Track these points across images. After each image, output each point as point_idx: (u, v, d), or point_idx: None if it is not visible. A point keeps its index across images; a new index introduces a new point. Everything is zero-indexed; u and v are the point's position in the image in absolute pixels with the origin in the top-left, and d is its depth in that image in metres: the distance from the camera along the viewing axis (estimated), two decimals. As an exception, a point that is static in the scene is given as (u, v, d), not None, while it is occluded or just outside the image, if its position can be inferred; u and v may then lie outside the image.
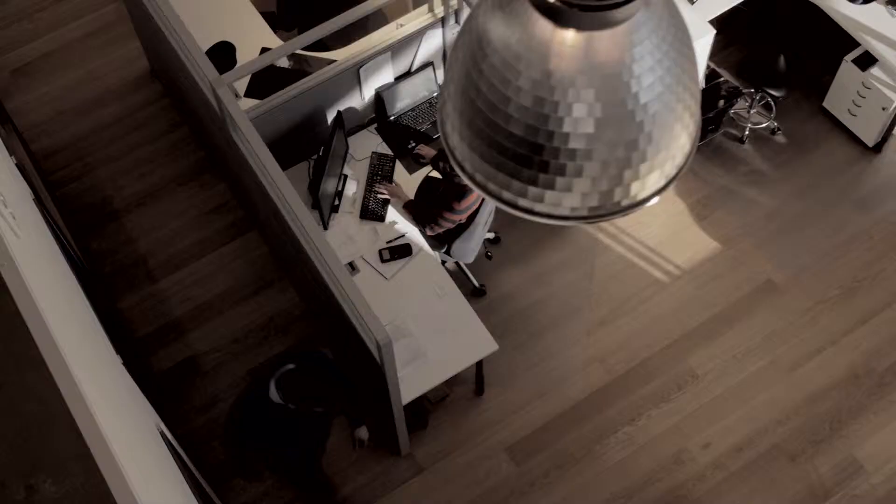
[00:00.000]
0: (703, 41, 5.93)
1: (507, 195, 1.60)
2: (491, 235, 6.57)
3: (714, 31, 5.98)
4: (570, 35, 1.42)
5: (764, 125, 7.03)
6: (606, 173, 1.57)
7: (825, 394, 6.17)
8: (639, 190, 1.67)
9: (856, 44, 6.64)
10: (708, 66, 6.94)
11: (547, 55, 1.42)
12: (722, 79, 6.82)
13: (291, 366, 4.90)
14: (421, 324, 5.62)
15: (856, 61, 6.65)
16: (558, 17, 1.41)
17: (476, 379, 6.05)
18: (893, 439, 6.03)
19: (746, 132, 6.98)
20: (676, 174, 1.73)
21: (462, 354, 5.57)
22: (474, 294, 6.45)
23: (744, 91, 6.88)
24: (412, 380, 5.48)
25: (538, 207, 1.60)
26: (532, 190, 1.56)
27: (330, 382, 4.94)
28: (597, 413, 6.13)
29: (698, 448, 6.03)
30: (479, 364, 5.83)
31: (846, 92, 6.81)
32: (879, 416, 6.11)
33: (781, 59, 6.69)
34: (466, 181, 1.68)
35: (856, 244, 6.63)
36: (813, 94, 7.13)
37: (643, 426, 6.09)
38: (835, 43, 6.80)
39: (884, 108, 6.62)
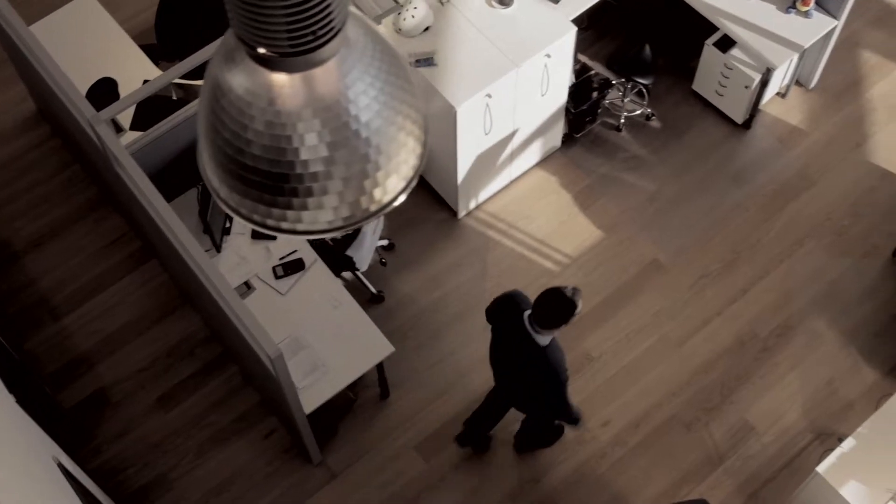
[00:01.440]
0: (566, 38, 6.19)
1: (271, 222, 1.79)
2: (384, 242, 6.76)
3: (575, 29, 6.24)
4: (285, 78, 1.62)
5: (638, 112, 7.32)
6: (350, 187, 1.77)
7: (714, 363, 6.47)
8: (382, 195, 1.86)
9: (716, 28, 6.96)
10: (579, 61, 7.21)
11: (272, 97, 1.62)
12: (593, 72, 7.11)
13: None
14: (318, 335, 5.80)
15: (717, 44, 6.97)
16: (271, 65, 1.61)
17: (379, 383, 6.24)
18: (780, 399, 6.34)
19: (622, 120, 7.27)
20: (414, 174, 1.92)
21: (360, 360, 5.75)
22: (373, 301, 6.64)
23: (614, 82, 7.17)
24: (314, 389, 5.66)
25: (300, 227, 1.79)
26: (290, 213, 1.75)
27: None
28: (499, 403, 6.35)
29: (598, 427, 6.29)
30: (380, 368, 6.02)
31: (711, 74, 7.13)
32: (766, 378, 6.42)
33: (647, 49, 6.98)
34: (234, 216, 1.87)
35: (733, 218, 6.95)
36: (682, 78, 7.45)
37: (544, 411, 6.32)
38: (698, 28, 7.11)
39: (746, 87, 6.95)
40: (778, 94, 7.43)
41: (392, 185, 1.82)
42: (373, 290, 6.62)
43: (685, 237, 6.88)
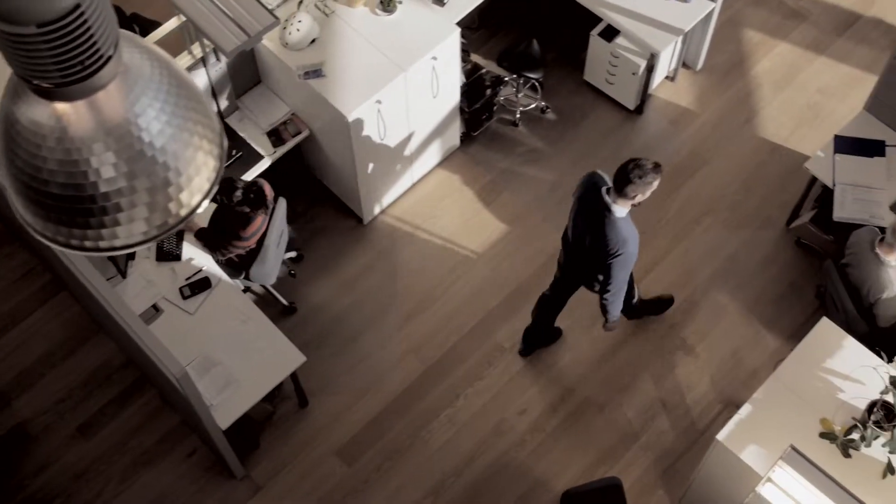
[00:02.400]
0: (451, 39, 6.33)
1: (89, 243, 1.89)
2: (293, 254, 6.85)
3: (459, 30, 6.38)
4: (68, 106, 1.72)
5: (533, 106, 7.49)
6: (156, 202, 1.86)
7: (623, 344, 6.65)
8: (189, 199, 1.94)
9: (600, 18, 7.14)
10: (470, 61, 7.36)
11: (60, 126, 1.72)
12: (484, 70, 7.26)
13: None
14: (229, 351, 5.87)
15: (601, 34, 7.15)
16: (51, 96, 1.71)
17: (296, 392, 6.32)
18: (688, 373, 6.53)
19: (518, 115, 7.43)
20: (214, 180, 2.00)
21: (272, 372, 5.83)
22: (286, 312, 6.72)
23: (506, 78, 7.33)
24: (229, 405, 5.73)
25: (117, 243, 1.89)
26: (104, 232, 1.85)
27: None
28: (418, 402, 6.47)
29: (515, 416, 6.43)
30: (294, 378, 6.10)
31: (600, 63, 7.32)
32: (674, 354, 6.61)
33: (534, 44, 7.14)
34: (50, 244, 1.97)
35: (632, 201, 7.13)
36: (573, 69, 7.62)
37: (462, 406, 6.45)
38: (583, 20, 7.28)
39: (633, 74, 7.14)
40: (667, 77, 7.64)
41: (195, 195, 1.91)
42: (284, 301, 6.70)
43: (587, 224, 7.04)
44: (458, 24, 6.99)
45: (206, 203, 1.94)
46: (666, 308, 6.71)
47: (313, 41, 6.30)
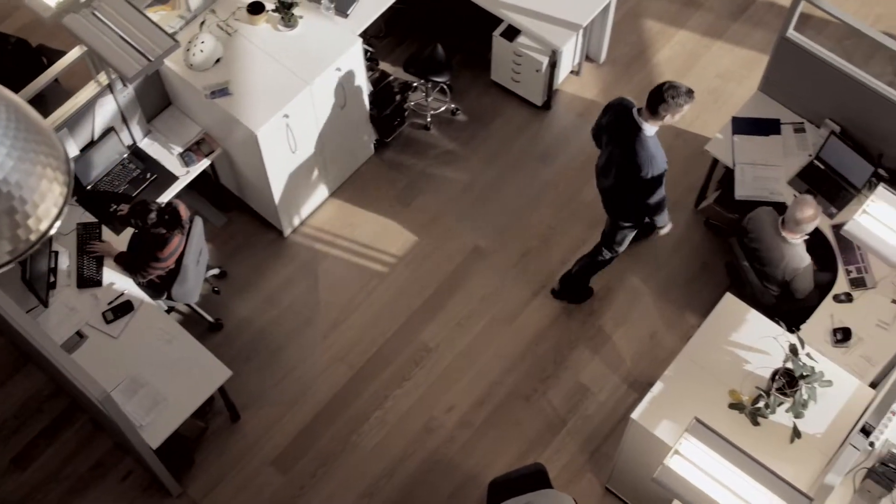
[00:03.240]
0: (354, 50, 6.46)
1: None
2: (215, 271, 6.93)
3: (360, 40, 6.51)
4: None
5: (443, 109, 7.64)
6: (7, 228, 1.97)
7: (544, 335, 6.82)
8: (37, 224, 2.04)
9: (501, 19, 7.30)
10: (377, 70, 7.49)
11: None
12: (391, 77, 7.39)
13: None
14: (156, 371, 5.94)
15: (504, 35, 7.32)
16: None
17: (227, 407, 6.41)
18: (609, 358, 6.72)
19: (429, 119, 7.58)
20: (63, 204, 2.10)
21: (200, 389, 5.92)
22: (212, 329, 6.81)
23: (414, 84, 7.47)
24: (158, 424, 5.80)
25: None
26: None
27: None
28: (347, 407, 6.59)
29: (444, 413, 6.57)
30: (224, 393, 6.19)
31: (504, 63, 7.49)
32: (594, 340, 6.80)
33: (439, 48, 7.29)
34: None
35: (545, 195, 7.32)
36: (481, 71, 7.79)
37: (391, 407, 6.58)
38: (487, 21, 7.44)
39: (537, 71, 7.32)
40: (572, 72, 7.83)
41: (44, 218, 2.01)
42: (210, 319, 6.78)
43: (503, 220, 7.22)
44: (365, 33, 7.13)
45: (55, 227, 2.05)
46: (586, 298, 6.89)
47: (218, 61, 6.40)
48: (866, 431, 4.92)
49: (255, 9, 6.49)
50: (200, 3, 6.50)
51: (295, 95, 6.27)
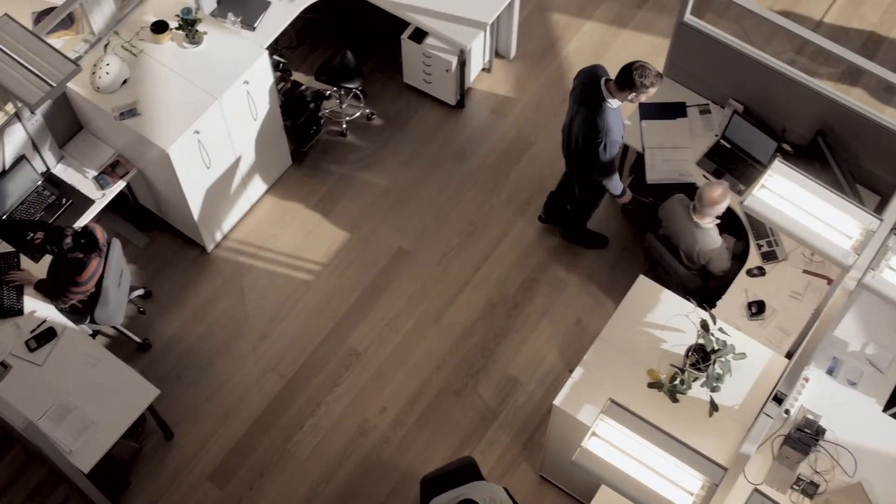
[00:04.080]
0: (260, 62, 6.50)
1: None
2: (140, 292, 6.94)
3: (266, 52, 6.56)
4: None
5: (358, 114, 7.70)
6: None
7: (471, 330, 6.90)
8: None
9: (408, 22, 7.38)
10: (289, 80, 7.53)
11: None
12: (304, 86, 7.44)
13: None
14: (83, 395, 5.93)
15: (411, 37, 7.40)
16: None
17: (159, 426, 6.42)
18: (536, 348, 6.82)
19: (344, 125, 7.63)
20: None
21: (128, 409, 5.92)
22: (141, 349, 6.81)
23: (327, 92, 7.53)
24: (89, 448, 5.79)
25: None
26: None
27: None
28: (281, 416, 6.63)
29: (377, 415, 6.63)
30: (154, 412, 6.21)
31: (415, 65, 7.57)
32: (520, 332, 6.89)
33: (348, 54, 7.35)
34: None
35: (464, 192, 7.41)
36: (393, 74, 7.86)
37: (324, 413, 6.63)
38: (394, 25, 7.51)
39: (447, 71, 7.41)
40: (483, 69, 7.92)
41: None
42: (137, 339, 6.78)
43: (424, 220, 7.30)
44: (276, 44, 7.20)
45: None
46: (600, 246, 7.21)
47: (125, 82, 6.41)
48: (779, 400, 5.06)
49: (159, 28, 6.50)
50: (104, 25, 6.51)
51: (204, 111, 6.30)
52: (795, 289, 6.26)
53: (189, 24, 6.47)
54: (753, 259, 6.36)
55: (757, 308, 6.17)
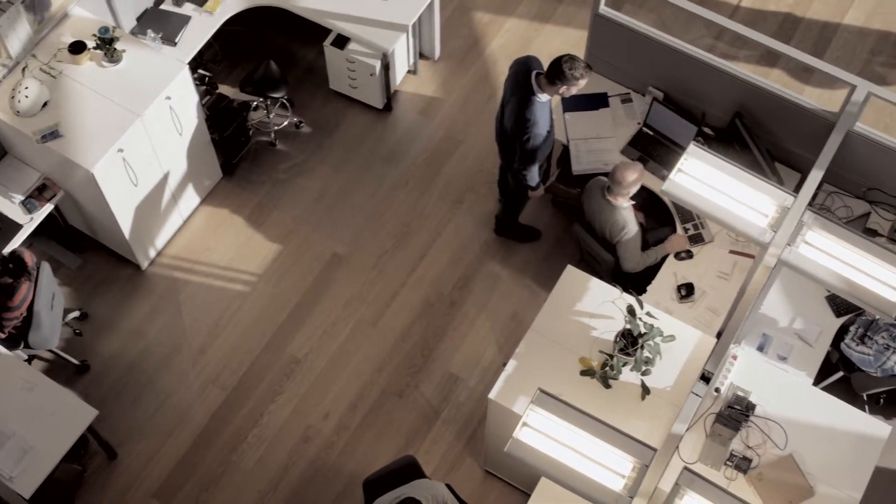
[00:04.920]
0: (181, 76, 6.51)
1: None
2: (76, 314, 6.91)
3: (187, 67, 6.56)
4: None
5: (286, 123, 7.73)
6: None
7: (410, 330, 6.95)
8: None
9: (329, 29, 7.42)
10: (215, 93, 7.54)
11: None
12: (230, 99, 7.45)
13: None
14: (20, 420, 5.91)
15: (334, 44, 7.44)
16: None
17: (102, 446, 6.41)
18: (475, 344, 6.89)
19: (273, 135, 7.65)
20: None
21: (67, 432, 5.90)
22: (79, 371, 6.79)
23: (254, 103, 7.55)
24: (30, 473, 5.77)
25: None
26: None
27: None
28: (224, 428, 6.63)
29: (320, 421, 6.66)
30: (94, 432, 6.19)
31: (340, 71, 7.61)
32: (459, 329, 6.95)
33: (272, 65, 7.37)
34: None
35: (396, 194, 7.45)
36: (320, 81, 7.89)
37: (267, 423, 6.65)
38: (316, 33, 7.55)
39: (371, 75, 7.45)
40: (409, 71, 7.98)
41: None
42: (75, 361, 6.76)
43: (357, 225, 7.34)
44: (201, 58, 7.21)
45: None
46: (533, 239, 7.28)
47: (45, 104, 6.39)
48: (706, 379, 5.16)
49: (77, 48, 6.49)
50: (21, 49, 6.48)
51: (127, 129, 6.29)
52: (723, 269, 6.37)
53: (107, 43, 6.46)
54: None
55: (686, 291, 6.27)
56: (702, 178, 5.38)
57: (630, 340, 5.40)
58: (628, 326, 5.39)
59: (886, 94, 5.91)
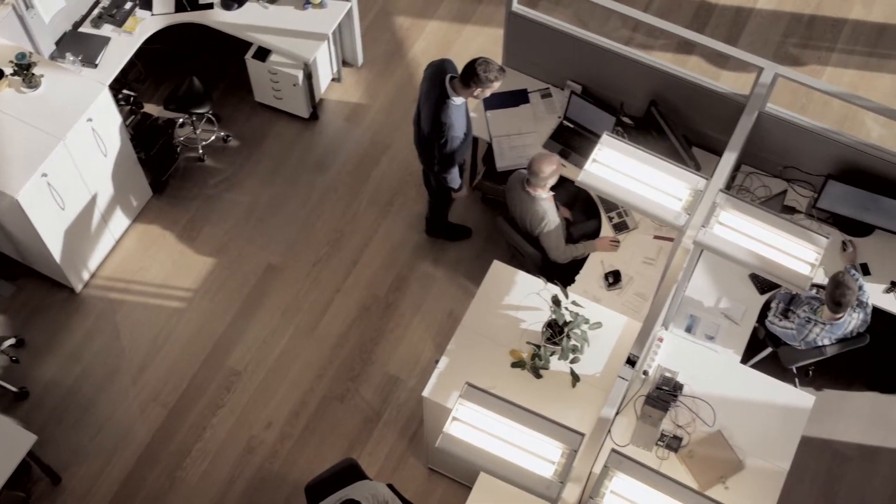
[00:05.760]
0: (102, 98, 6.53)
1: None
2: (11, 341, 6.90)
3: (107, 88, 6.59)
4: None
5: (213, 138, 7.76)
6: None
7: (347, 335, 7.02)
8: None
9: (250, 43, 7.47)
10: (139, 113, 7.56)
11: None
12: (155, 117, 7.48)
13: None
14: (-41, 451, 5.91)
15: (255, 56, 7.49)
16: None
17: (44, 471, 6.41)
18: (413, 344, 6.97)
19: (201, 150, 7.69)
20: None
21: (6, 459, 5.90)
22: (18, 398, 6.78)
23: (179, 120, 7.58)
24: (-29, 503, 5.78)
25: None
26: None
27: None
28: (167, 445, 6.66)
29: (263, 431, 6.71)
30: (35, 458, 6.19)
31: (263, 83, 7.66)
32: (395, 331, 7.03)
33: (195, 81, 7.40)
34: None
35: (327, 202, 7.52)
36: (245, 94, 7.93)
37: (211, 436, 6.69)
38: (238, 46, 7.59)
39: (295, 85, 7.51)
40: (333, 79, 8.05)
41: None
42: (13, 389, 6.75)
43: (290, 234, 7.39)
44: (126, 78, 7.22)
45: None
46: (464, 237, 7.37)
47: (-34, 134, 6.38)
48: (632, 362, 5.28)
49: (-6, 76, 6.49)
50: (-63, 80, 6.47)
51: (49, 153, 6.30)
52: (648, 254, 6.50)
53: (24, 69, 6.47)
54: (606, 231, 6.59)
55: (613, 278, 6.39)
56: (616, 166, 5.49)
57: (556, 330, 5.51)
58: (554, 317, 5.50)
59: (793, 74, 6.07)
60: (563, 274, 6.42)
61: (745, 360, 6.46)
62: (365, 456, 6.60)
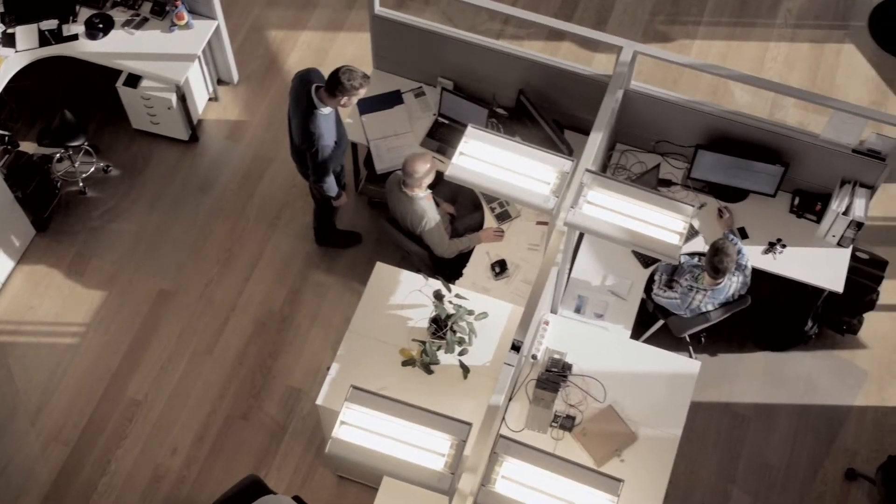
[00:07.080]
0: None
1: None
2: None
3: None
4: None
5: (93, 170, 7.68)
6: None
7: (245, 353, 7.00)
8: None
9: (120, 70, 7.41)
10: (13, 152, 7.45)
11: None
12: (31, 154, 7.39)
13: None
14: None
15: (126, 83, 7.43)
16: None
17: (-54, 524, 6.30)
18: (311, 355, 6.98)
19: (81, 183, 7.60)
20: None
21: None
22: (-86, 453, 6.65)
23: (56, 155, 7.49)
24: None
25: None
26: None
27: None
28: (72, 483, 6.58)
29: (168, 458, 6.66)
30: (-66, 511, 6.09)
31: (138, 109, 7.60)
32: (294, 343, 7.03)
33: (67, 114, 7.32)
34: None
35: (213, 222, 7.49)
36: (122, 122, 7.85)
37: (116, 469, 6.62)
38: (108, 76, 7.52)
39: (169, 108, 7.47)
40: (210, 99, 8.01)
41: None
42: None
43: (179, 258, 7.35)
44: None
45: None
46: (355, 243, 7.39)
47: None
48: (516, 348, 5.34)
49: None
50: None
51: (-83, 201, 6.20)
52: (532, 241, 6.59)
53: None
54: (490, 222, 6.66)
55: (500, 267, 6.46)
56: (484, 157, 5.55)
57: (441, 324, 5.56)
58: (437, 311, 5.54)
59: (650, 50, 6.20)
60: (453, 269, 6.48)
61: (638, 335, 6.60)
62: (273, 471, 6.59)
